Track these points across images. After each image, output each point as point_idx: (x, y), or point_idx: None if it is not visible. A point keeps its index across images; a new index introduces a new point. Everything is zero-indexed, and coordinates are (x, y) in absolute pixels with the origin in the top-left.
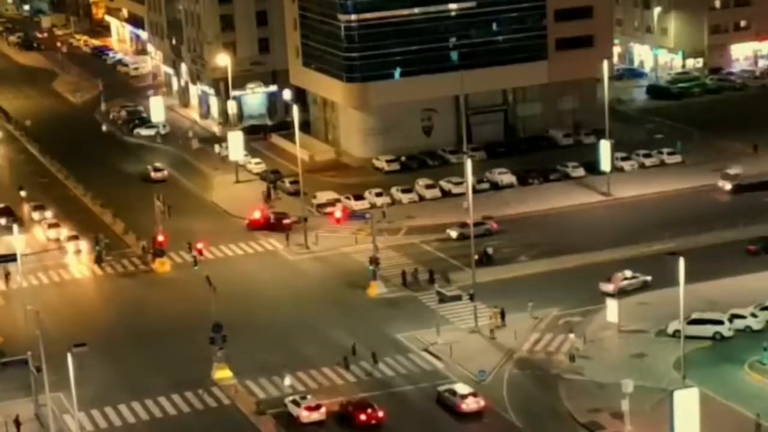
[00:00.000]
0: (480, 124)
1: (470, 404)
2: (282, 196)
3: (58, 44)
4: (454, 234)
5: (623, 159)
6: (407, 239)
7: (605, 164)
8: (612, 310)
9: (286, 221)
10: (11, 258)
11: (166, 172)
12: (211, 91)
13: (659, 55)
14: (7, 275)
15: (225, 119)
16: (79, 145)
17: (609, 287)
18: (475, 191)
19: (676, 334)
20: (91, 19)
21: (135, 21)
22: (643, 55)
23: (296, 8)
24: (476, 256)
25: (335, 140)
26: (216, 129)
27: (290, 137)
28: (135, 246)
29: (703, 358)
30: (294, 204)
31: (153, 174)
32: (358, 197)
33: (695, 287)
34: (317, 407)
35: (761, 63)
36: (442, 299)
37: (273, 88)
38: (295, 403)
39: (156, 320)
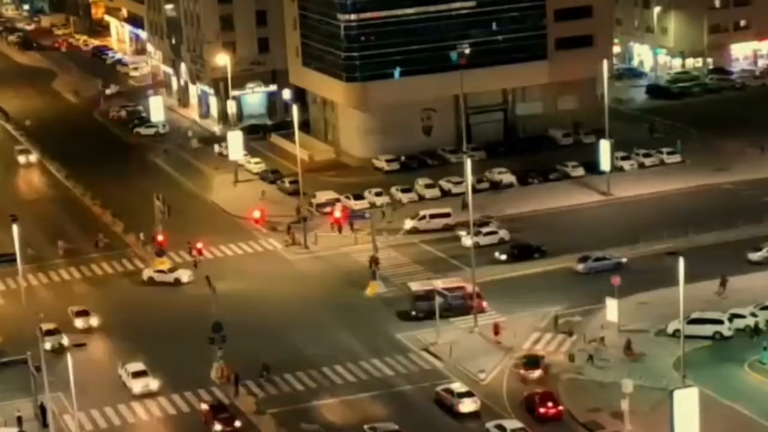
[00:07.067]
0: (480, 124)
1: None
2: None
3: (57, 44)
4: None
5: (623, 158)
6: (407, 239)
7: (605, 164)
8: (612, 309)
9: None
10: (11, 258)
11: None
12: (210, 90)
13: (659, 54)
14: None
15: (225, 120)
16: (80, 145)
17: None
18: (474, 191)
19: (676, 333)
20: (91, 18)
21: (134, 21)
22: (642, 54)
23: (296, 8)
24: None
25: (335, 140)
26: (216, 129)
27: (290, 137)
28: (136, 246)
29: (703, 358)
30: (293, 204)
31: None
32: (358, 197)
33: (695, 287)
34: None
35: (761, 63)
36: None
37: (273, 87)
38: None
39: (156, 320)
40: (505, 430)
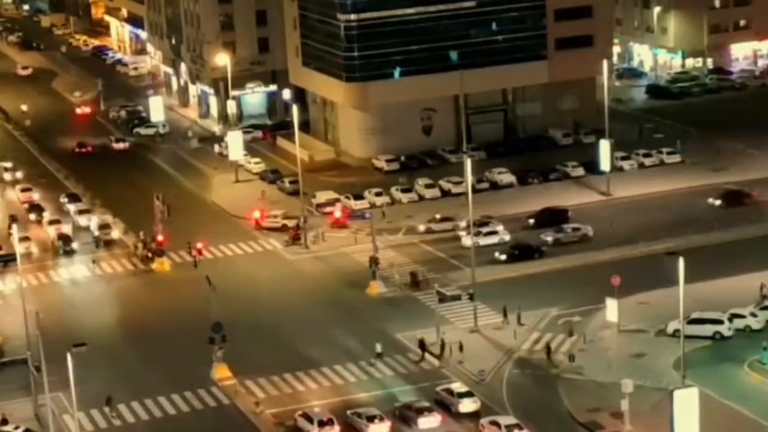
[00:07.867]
0: (480, 124)
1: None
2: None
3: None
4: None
5: (623, 158)
6: (407, 239)
7: (605, 164)
8: (612, 309)
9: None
10: (11, 258)
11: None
12: (210, 90)
13: (659, 54)
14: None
15: (225, 119)
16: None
17: None
18: (474, 191)
19: (675, 333)
20: (91, 18)
21: (134, 21)
22: (642, 54)
23: (296, 8)
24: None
25: (335, 140)
26: (216, 129)
27: (290, 137)
28: (136, 245)
29: (703, 358)
30: (293, 204)
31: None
32: (358, 197)
33: (695, 287)
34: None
35: (761, 63)
36: (442, 299)
37: (273, 87)
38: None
39: (156, 320)
40: (500, 426)
